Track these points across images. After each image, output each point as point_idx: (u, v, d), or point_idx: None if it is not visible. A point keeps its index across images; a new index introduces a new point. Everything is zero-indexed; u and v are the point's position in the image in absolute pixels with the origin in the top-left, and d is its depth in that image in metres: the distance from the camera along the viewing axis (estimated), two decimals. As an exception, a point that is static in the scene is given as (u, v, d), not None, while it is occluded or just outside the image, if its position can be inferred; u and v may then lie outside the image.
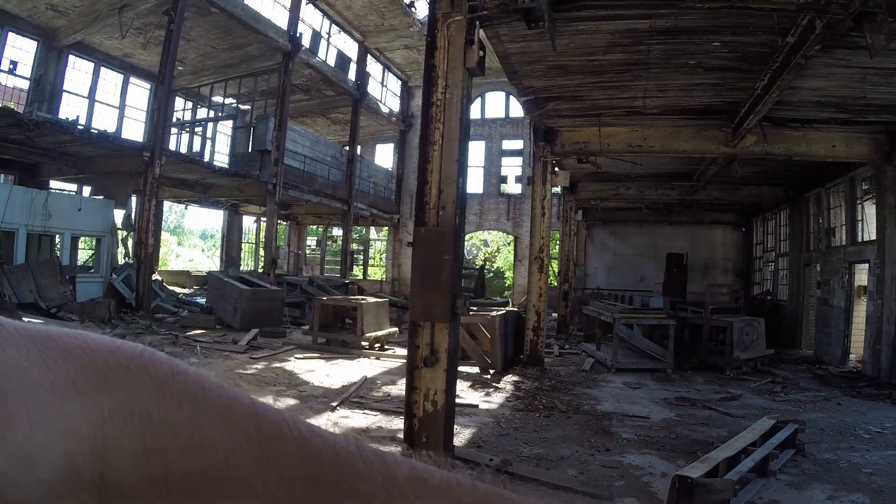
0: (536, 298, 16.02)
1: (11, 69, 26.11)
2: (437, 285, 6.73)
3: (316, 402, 10.90)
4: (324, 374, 13.70)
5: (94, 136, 21.86)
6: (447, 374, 6.79)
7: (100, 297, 20.92)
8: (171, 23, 21.61)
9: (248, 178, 27.46)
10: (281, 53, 27.72)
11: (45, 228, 20.99)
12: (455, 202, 6.88)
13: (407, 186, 40.60)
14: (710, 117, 14.69)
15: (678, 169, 20.79)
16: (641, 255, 32.21)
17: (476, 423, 9.77)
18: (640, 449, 8.57)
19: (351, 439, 0.68)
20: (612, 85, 13.14)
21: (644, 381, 14.40)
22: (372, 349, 17.09)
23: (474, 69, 7.16)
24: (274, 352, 16.16)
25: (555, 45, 10.20)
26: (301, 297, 25.47)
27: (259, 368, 13.89)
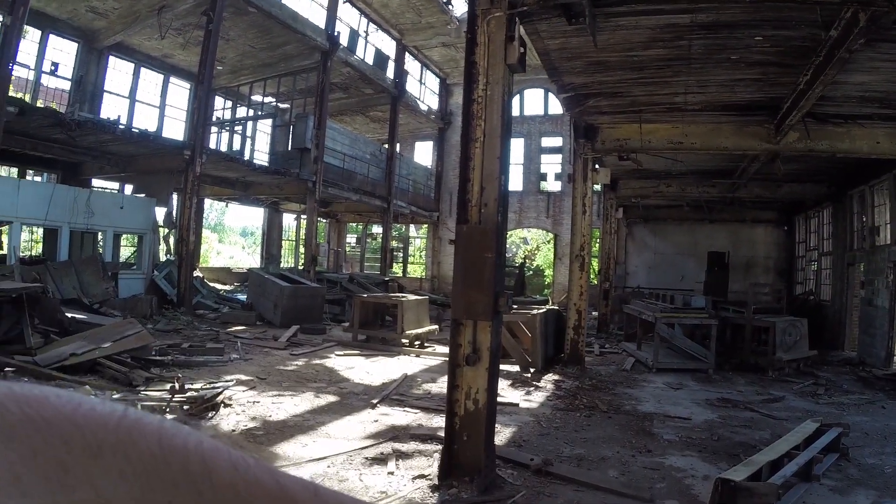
0: (577, 297, 15.93)
1: (53, 70, 26.45)
2: (480, 283, 6.71)
3: (356, 399, 10.94)
4: (364, 371, 13.77)
5: (135, 136, 22.11)
6: (489, 373, 6.76)
7: (141, 293, 21.18)
8: (210, 23, 21.74)
9: (287, 177, 27.60)
10: (319, 52, 27.80)
11: (87, 226, 21.25)
12: (497, 200, 6.84)
13: (446, 184, 40.66)
14: (751, 113, 14.47)
15: (719, 166, 20.56)
16: (682, 254, 31.97)
17: (516, 422, 9.75)
18: (682, 450, 8.50)
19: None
20: (653, 81, 13.01)
21: (685, 381, 14.29)
22: (412, 346, 17.11)
23: (515, 66, 7.13)
24: (314, 348, 16.27)
25: (596, 40, 10.15)
26: (341, 295, 25.58)
27: (299, 365, 13.97)
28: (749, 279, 26.86)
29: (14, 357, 10.03)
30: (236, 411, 9.40)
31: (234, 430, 8.49)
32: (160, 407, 8.72)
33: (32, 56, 25.46)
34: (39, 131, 20.73)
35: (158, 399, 8.99)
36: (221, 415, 9.14)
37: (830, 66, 10.02)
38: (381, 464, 7.37)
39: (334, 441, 8.26)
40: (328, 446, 7.99)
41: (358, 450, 7.89)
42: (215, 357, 13.59)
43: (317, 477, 6.78)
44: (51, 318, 13.38)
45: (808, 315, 18.56)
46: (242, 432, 8.41)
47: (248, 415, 9.28)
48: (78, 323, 13.47)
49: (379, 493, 6.38)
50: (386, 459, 7.49)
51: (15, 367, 8.28)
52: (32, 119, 18.79)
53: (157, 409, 8.65)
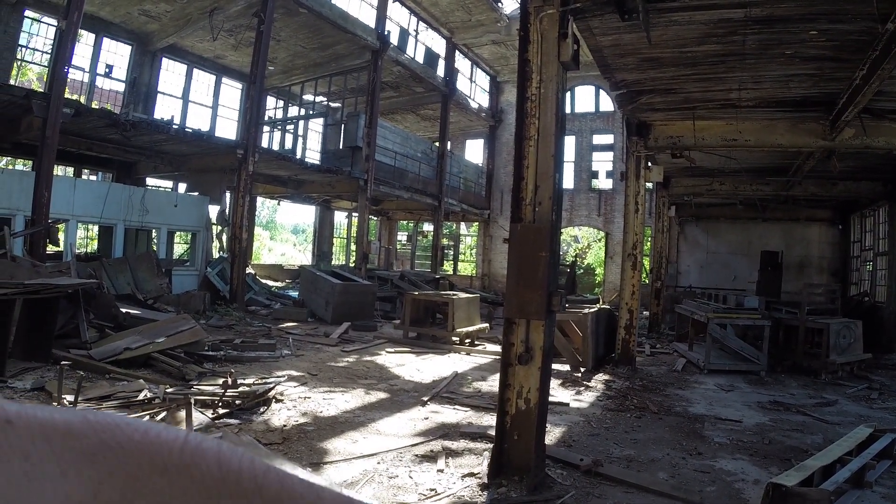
0: (629, 296, 15.81)
1: (107, 73, 27.07)
2: (533, 282, 6.68)
3: (406, 396, 10.99)
4: (414, 368, 13.81)
5: (188, 135, 22.43)
6: (541, 373, 6.74)
7: (195, 289, 21.45)
8: (261, 24, 22.01)
9: (339, 175, 27.79)
10: (370, 51, 27.99)
11: (142, 224, 21.65)
12: (551, 198, 6.82)
13: (497, 182, 40.68)
14: (806, 109, 14.21)
15: (773, 163, 20.26)
16: (735, 253, 31.58)
17: (566, 422, 9.71)
18: (733, 454, 8.40)
19: None
20: (706, 77, 12.84)
21: (737, 383, 14.11)
22: (462, 344, 17.10)
23: (569, 63, 7.09)
24: (365, 345, 16.39)
25: (649, 36, 10.08)
26: (392, 292, 25.71)
27: (350, 361, 14.05)
28: (802, 279, 26.45)
29: (70, 351, 10.21)
30: (287, 407, 9.48)
31: (285, 425, 8.54)
32: (213, 401, 8.83)
33: (87, 59, 26.06)
34: (95, 132, 21.11)
35: (211, 394, 9.08)
36: (273, 410, 9.21)
37: (887, 60, 9.83)
38: (430, 461, 7.39)
39: (384, 438, 8.30)
40: (378, 443, 8.03)
41: (408, 447, 7.92)
42: (267, 353, 13.73)
43: (367, 473, 6.85)
44: (106, 313, 13.59)
45: (863, 317, 18.16)
46: (293, 427, 8.46)
47: (298, 410, 9.35)
48: (132, 318, 13.67)
49: (428, 491, 6.40)
50: (436, 457, 7.51)
51: (71, 360, 8.44)
52: (88, 120, 19.12)
53: (210, 404, 8.80)
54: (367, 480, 6.63)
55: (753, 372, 15.21)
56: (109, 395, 8.83)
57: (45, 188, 16.18)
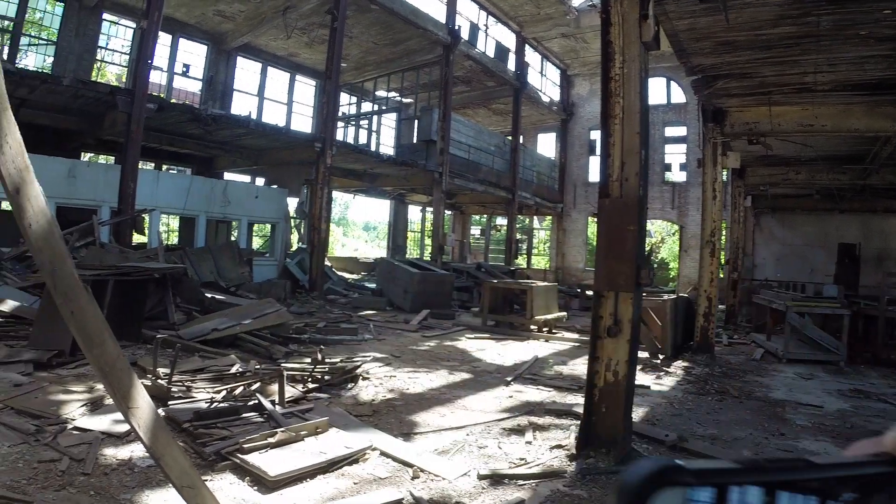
0: (708, 283, 15.66)
1: (185, 72, 27.79)
2: (622, 255, 6.73)
3: (490, 377, 11.08)
4: (495, 353, 13.88)
5: (267, 129, 22.80)
6: (629, 345, 6.76)
7: (275, 278, 21.80)
8: (335, 21, 22.24)
9: (414, 168, 28.09)
10: (441, 46, 28.20)
11: (223, 215, 22.14)
12: (638, 174, 6.86)
13: (570, 175, 40.63)
14: (883, 92, 13.77)
15: (850, 151, 19.77)
16: (811, 245, 30.97)
17: (649, 403, 9.72)
18: (815, 435, 8.34)
19: None
20: (782, 60, 12.61)
21: (815, 372, 13.92)
22: (541, 332, 17.10)
23: (650, 43, 7.13)
24: (444, 331, 16.51)
25: (728, 17, 10.04)
26: (468, 282, 25.81)
27: (431, 345, 14.22)
28: (881, 272, 25.90)
29: (158, 331, 10.48)
30: (374, 384, 9.62)
31: (374, 399, 8.69)
32: (302, 376, 9.02)
33: (165, 59, 26.78)
34: (176, 127, 21.57)
35: (300, 369, 9.27)
36: (360, 386, 9.36)
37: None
38: (518, 434, 7.47)
39: (471, 413, 8.39)
40: (465, 417, 8.14)
41: (495, 421, 8.02)
42: (349, 336, 13.95)
43: (457, 444, 6.96)
44: (191, 297, 13.96)
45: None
46: (382, 402, 8.61)
47: (385, 387, 9.49)
48: (217, 302, 14.02)
49: (518, 460, 6.48)
50: (523, 430, 7.58)
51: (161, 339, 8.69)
52: (170, 115, 19.61)
53: (299, 379, 8.98)
54: (457, 450, 6.74)
55: (832, 362, 14.96)
56: (202, 368, 9.10)
57: (131, 179, 16.63)
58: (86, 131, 21.37)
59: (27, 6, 22.59)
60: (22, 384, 7.55)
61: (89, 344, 3.47)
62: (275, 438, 5.93)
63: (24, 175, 3.38)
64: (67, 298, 3.42)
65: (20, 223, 3.37)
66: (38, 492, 4.79)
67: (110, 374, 3.53)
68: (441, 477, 5.83)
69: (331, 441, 6.26)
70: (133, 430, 3.61)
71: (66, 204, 17.98)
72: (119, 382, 3.56)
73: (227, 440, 6.01)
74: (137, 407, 3.58)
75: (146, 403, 3.64)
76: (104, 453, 5.69)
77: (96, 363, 3.49)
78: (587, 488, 5.79)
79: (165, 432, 3.75)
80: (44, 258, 3.39)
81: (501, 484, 5.79)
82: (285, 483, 5.33)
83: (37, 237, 3.37)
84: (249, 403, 7.16)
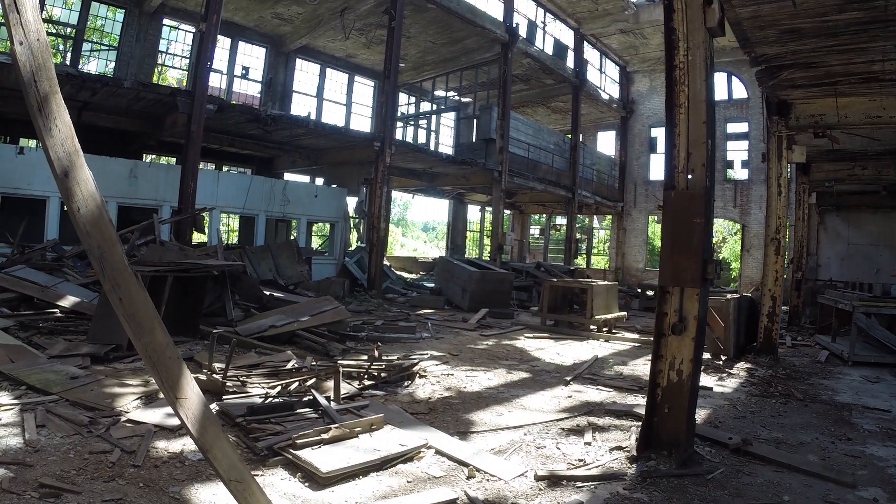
0: (772, 282, 15.33)
1: (244, 74, 28.20)
2: (688, 249, 6.56)
3: (548, 376, 10.95)
4: (554, 352, 13.75)
5: (327, 128, 23.02)
6: (695, 343, 6.57)
7: (333, 277, 21.90)
8: (392, 20, 22.34)
9: (473, 166, 28.08)
10: (499, 45, 28.21)
11: (283, 214, 22.40)
12: (704, 165, 6.66)
13: (630, 174, 40.47)
14: (954, 79, 13.53)
15: (919, 144, 19.40)
16: (877, 245, 30.21)
17: (711, 405, 9.52)
18: (883, 441, 8.05)
19: None
20: (848, 48, 12.19)
21: (883, 375, 13.47)
22: (601, 332, 16.91)
23: (715, 29, 6.93)
24: (503, 330, 16.40)
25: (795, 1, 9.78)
26: (528, 282, 25.76)
27: (489, 344, 14.11)
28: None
29: (217, 327, 10.52)
30: (431, 382, 9.56)
31: (430, 397, 8.62)
32: (358, 373, 8.97)
33: (224, 62, 27.21)
34: (236, 128, 21.85)
35: (357, 366, 9.23)
36: (417, 384, 9.30)
37: None
38: (577, 435, 7.33)
39: (529, 412, 8.27)
40: (523, 416, 8.02)
41: (553, 421, 7.89)
42: (407, 335, 13.95)
43: (514, 443, 6.84)
44: (249, 294, 14.05)
45: None
46: (438, 400, 8.53)
47: (442, 385, 9.42)
48: (275, 300, 14.10)
49: (577, 461, 6.35)
50: (582, 431, 7.44)
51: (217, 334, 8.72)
52: (230, 116, 19.86)
53: (356, 375, 8.94)
54: (514, 450, 6.61)
55: (900, 365, 14.54)
56: (258, 364, 9.09)
57: (192, 179, 16.83)
58: (147, 133, 21.71)
59: (88, 13, 22.98)
60: (78, 377, 7.61)
61: (138, 332, 3.42)
62: (328, 434, 5.86)
63: (73, 159, 3.34)
64: (116, 284, 3.37)
65: (69, 207, 3.33)
66: (87, 482, 4.81)
67: (158, 364, 3.48)
68: (497, 477, 5.72)
69: (385, 438, 6.18)
70: (181, 422, 3.55)
71: (128, 203, 18.37)
72: (168, 372, 3.50)
73: (279, 435, 5.96)
74: (186, 398, 3.53)
75: (195, 394, 3.57)
76: (156, 446, 5.71)
77: (144, 352, 3.44)
78: (648, 492, 5.64)
79: (215, 424, 3.69)
80: (92, 243, 3.33)
81: (559, 485, 5.65)
82: (337, 480, 5.26)
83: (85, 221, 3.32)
84: (304, 399, 7.10)
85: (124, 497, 4.63)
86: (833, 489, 6.06)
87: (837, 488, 6.09)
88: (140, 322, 3.41)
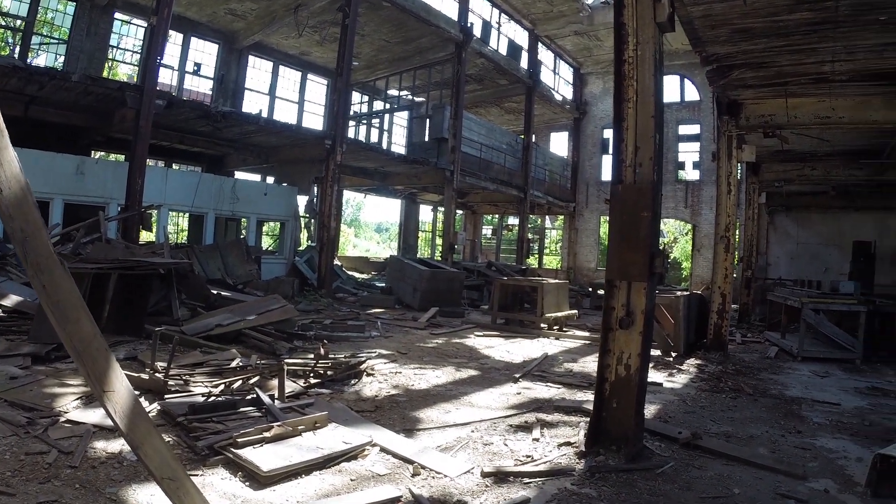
0: (722, 280, 15.43)
1: (196, 70, 27.90)
2: (635, 243, 6.54)
3: (498, 373, 10.93)
4: (504, 350, 13.75)
5: (278, 125, 22.85)
6: (642, 338, 6.58)
7: (283, 276, 21.77)
8: (346, 17, 22.29)
9: (425, 165, 28.04)
10: (453, 44, 28.17)
11: (232, 212, 22.21)
12: (652, 159, 6.69)
13: (582, 174, 40.74)
14: (902, 82, 13.70)
15: (867, 145, 19.51)
16: (825, 244, 30.74)
17: (661, 401, 9.55)
18: (833, 433, 8.15)
19: None
20: (799, 48, 12.32)
21: (831, 370, 13.73)
22: (551, 330, 16.96)
23: (665, 24, 6.94)
24: (453, 329, 16.41)
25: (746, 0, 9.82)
26: (479, 281, 25.78)
27: (439, 343, 14.07)
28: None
29: (162, 326, 10.36)
30: (378, 380, 9.48)
31: (377, 395, 8.55)
32: (304, 371, 8.88)
33: (176, 58, 26.92)
34: (185, 124, 21.56)
35: (303, 364, 9.13)
36: (364, 382, 9.22)
37: None
38: (525, 431, 7.30)
39: (477, 409, 8.23)
40: (471, 413, 7.97)
41: (501, 418, 7.85)
42: (356, 333, 13.87)
43: (461, 440, 6.79)
44: (197, 293, 13.86)
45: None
46: (385, 398, 8.46)
47: (390, 383, 9.35)
48: (222, 299, 13.93)
49: (525, 457, 6.30)
50: (530, 427, 7.41)
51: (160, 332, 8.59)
52: (180, 112, 19.57)
53: (302, 374, 8.85)
54: (461, 446, 6.56)
55: (848, 360, 14.74)
56: (202, 362, 8.96)
57: (139, 175, 16.62)
58: (96, 129, 21.33)
59: (39, 5, 22.59)
60: (18, 377, 7.49)
61: (62, 320, 3.28)
62: (270, 433, 5.76)
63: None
64: (39, 270, 3.23)
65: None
66: (22, 484, 4.70)
67: (84, 355, 3.33)
68: (443, 474, 5.66)
69: (329, 436, 6.09)
70: (108, 416, 3.40)
71: (75, 201, 18.09)
72: (94, 364, 3.36)
73: (220, 434, 5.85)
74: (114, 391, 3.39)
75: (124, 388, 3.44)
76: (94, 446, 5.58)
77: (69, 342, 3.30)
78: (596, 487, 5.61)
79: (146, 420, 3.56)
80: (15, 226, 3.19)
81: (506, 482, 5.61)
82: (279, 479, 5.16)
83: (8, 203, 3.17)
84: (247, 398, 6.99)
85: (59, 498, 4.52)
86: (784, 481, 6.09)
87: (788, 480, 6.13)
88: (65, 310, 3.28)
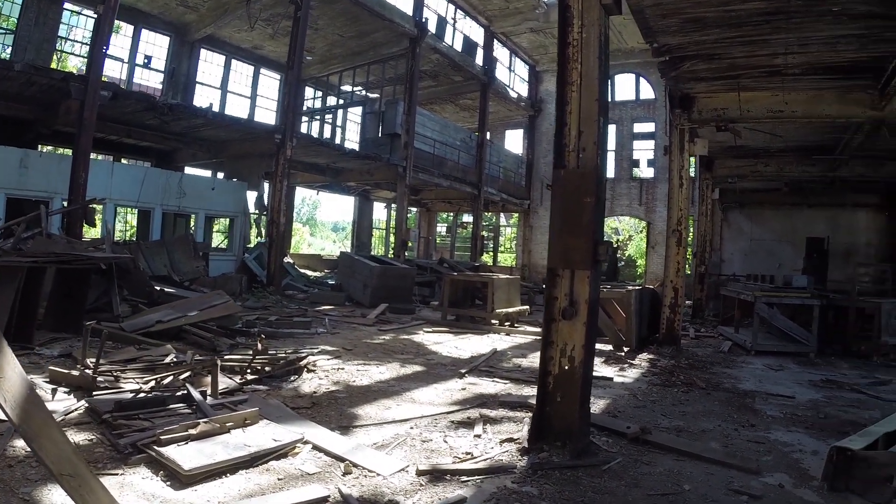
0: (674, 274, 15.42)
1: (146, 63, 27.49)
2: (578, 229, 6.36)
3: (444, 369, 10.77)
4: (452, 346, 13.62)
5: (226, 119, 22.67)
6: (587, 328, 6.40)
7: (231, 273, 21.49)
8: (298, 10, 22.12)
9: (378, 161, 27.95)
10: (408, 39, 28.08)
11: (179, 208, 21.89)
12: (596, 143, 6.51)
13: (537, 172, 40.79)
14: (855, 77, 13.61)
15: (820, 141, 19.66)
16: (779, 241, 31.03)
17: (611, 395, 9.43)
18: (787, 426, 8.09)
19: None
20: (751, 40, 12.28)
21: (785, 363, 13.77)
22: (502, 326, 16.84)
23: (611, 6, 6.77)
24: (402, 325, 16.26)
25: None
26: (431, 277, 25.76)
27: (386, 339, 13.89)
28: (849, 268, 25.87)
29: (101, 323, 10.07)
30: (319, 376, 9.30)
31: (315, 392, 8.36)
32: (241, 367, 8.70)
33: (126, 50, 26.55)
34: (133, 117, 21.19)
35: (240, 360, 8.91)
36: (304, 378, 9.03)
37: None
38: (467, 427, 7.14)
39: (419, 406, 8.08)
40: (412, 410, 7.81)
41: (443, 414, 7.69)
42: (302, 330, 13.68)
43: (398, 437, 6.62)
44: (139, 290, 13.60)
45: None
46: (324, 394, 8.27)
47: (331, 380, 9.17)
48: (166, 295, 13.71)
49: (464, 454, 6.12)
50: (472, 424, 7.26)
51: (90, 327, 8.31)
52: (126, 104, 19.24)
53: (239, 370, 8.67)
54: (397, 444, 6.38)
55: (802, 353, 14.80)
56: (135, 358, 8.73)
57: (83, 169, 16.26)
58: (41, 121, 20.85)
59: (-17, -7, 22.08)
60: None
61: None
62: (196, 430, 5.52)
63: None
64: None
65: None
66: (-71, 485, 4.46)
67: (-34, 339, 3.07)
68: (375, 472, 5.46)
69: (259, 434, 5.88)
70: (-3, 408, 3.14)
71: (18, 195, 17.76)
72: (-22, 348, 3.10)
73: (145, 432, 5.61)
74: (4, 377, 3.12)
75: (16, 374, 3.17)
76: (14, 445, 5.33)
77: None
78: (538, 484, 5.43)
79: (43, 410, 3.31)
80: None
81: (442, 480, 5.42)
82: (201, 478, 4.94)
83: None
84: (177, 394, 6.75)
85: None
86: (737, 476, 5.99)
87: (741, 475, 6.02)
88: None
